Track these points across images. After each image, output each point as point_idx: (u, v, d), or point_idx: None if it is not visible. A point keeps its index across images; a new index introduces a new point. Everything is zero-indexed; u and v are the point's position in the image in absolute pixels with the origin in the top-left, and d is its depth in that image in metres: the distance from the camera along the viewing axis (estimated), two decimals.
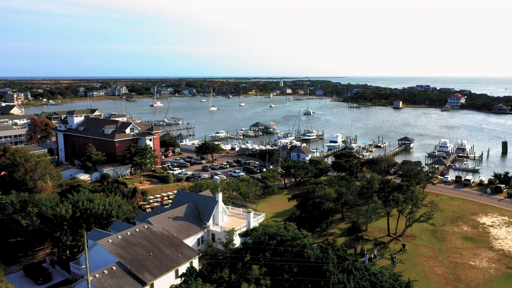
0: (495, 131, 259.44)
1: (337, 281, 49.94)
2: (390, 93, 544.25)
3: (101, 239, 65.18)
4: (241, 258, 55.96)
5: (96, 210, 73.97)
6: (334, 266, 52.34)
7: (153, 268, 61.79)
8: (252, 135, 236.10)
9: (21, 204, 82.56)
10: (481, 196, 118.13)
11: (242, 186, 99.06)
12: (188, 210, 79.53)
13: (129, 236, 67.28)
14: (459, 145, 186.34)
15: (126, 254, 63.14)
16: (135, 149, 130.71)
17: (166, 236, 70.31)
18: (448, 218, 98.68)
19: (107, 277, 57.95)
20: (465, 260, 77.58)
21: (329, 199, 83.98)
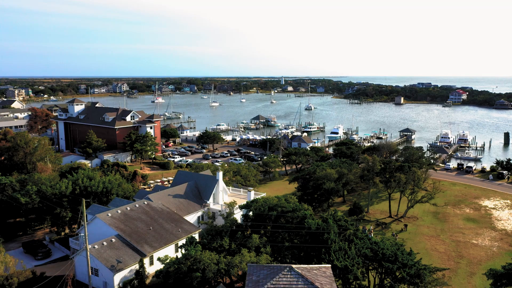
0: (497, 125, 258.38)
1: (338, 248, 49.39)
2: (391, 89, 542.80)
3: (101, 213, 64.77)
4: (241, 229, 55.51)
5: (96, 187, 73.51)
6: (335, 234, 51.82)
7: (152, 241, 61.32)
8: (253, 128, 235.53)
9: (20, 183, 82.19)
10: (483, 182, 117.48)
11: (243, 169, 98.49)
12: (189, 188, 79.02)
13: (128, 211, 66.83)
14: (461, 136, 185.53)
15: (125, 227, 62.69)
16: (136, 136, 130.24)
17: (166, 212, 69.85)
18: (450, 201, 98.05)
19: (106, 248, 57.51)
20: (467, 239, 77.00)
21: (330, 179, 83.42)
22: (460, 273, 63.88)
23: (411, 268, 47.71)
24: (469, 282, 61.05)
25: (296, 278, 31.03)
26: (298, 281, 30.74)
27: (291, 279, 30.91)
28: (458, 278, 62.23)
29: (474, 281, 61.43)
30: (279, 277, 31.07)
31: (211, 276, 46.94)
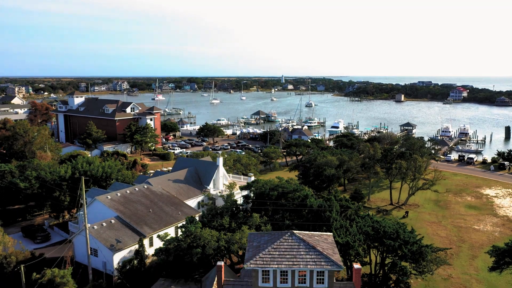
0: (498, 120, 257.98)
1: (339, 226, 48.97)
2: (392, 87, 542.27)
3: (100, 196, 64.38)
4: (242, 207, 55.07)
5: (95, 171, 73.09)
6: (337, 213, 51.39)
7: (152, 223, 60.91)
8: (253, 123, 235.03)
9: (19, 169, 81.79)
10: (485, 172, 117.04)
11: (244, 158, 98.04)
12: (189, 174, 78.56)
13: (128, 194, 66.41)
14: (462, 129, 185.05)
15: (125, 209, 62.27)
16: (136, 127, 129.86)
17: (166, 195, 69.43)
18: (451, 190, 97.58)
19: (105, 229, 57.09)
20: (468, 224, 76.56)
21: (331, 166, 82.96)
22: (462, 256, 63.43)
23: (413, 245, 47.26)
24: (471, 265, 60.60)
25: (298, 242, 30.60)
26: (299, 245, 30.31)
27: (292, 244, 30.48)
28: (460, 260, 61.78)
29: (476, 263, 60.98)
30: (280, 242, 30.65)
31: (211, 252, 46.48)
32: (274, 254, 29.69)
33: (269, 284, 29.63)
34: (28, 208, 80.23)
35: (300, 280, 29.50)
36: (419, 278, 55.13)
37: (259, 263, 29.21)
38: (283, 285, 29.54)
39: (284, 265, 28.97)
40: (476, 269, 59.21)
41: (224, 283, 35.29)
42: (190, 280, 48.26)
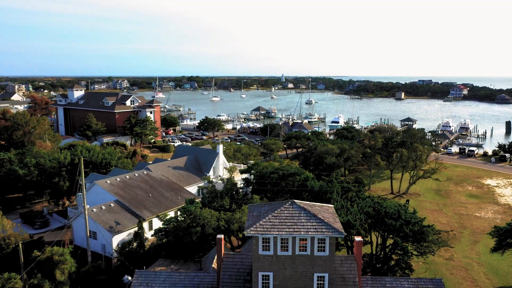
0: (499, 116, 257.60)
1: (340, 206, 48.62)
2: (392, 86, 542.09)
3: (99, 180, 64.07)
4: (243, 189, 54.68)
5: (95, 158, 72.75)
6: (337, 195, 51.03)
7: (152, 207, 60.61)
8: (254, 119, 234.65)
9: (19, 156, 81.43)
10: (485, 164, 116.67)
11: (244, 148, 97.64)
12: (189, 161, 78.24)
13: (127, 179, 66.09)
14: (462, 124, 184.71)
15: (124, 194, 61.97)
16: (136, 120, 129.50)
17: (166, 181, 69.11)
18: (452, 180, 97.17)
19: (104, 212, 56.79)
20: (470, 212, 76.23)
21: (332, 154, 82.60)
22: (463, 241, 63.08)
23: (414, 225, 46.89)
24: (472, 249, 60.25)
25: (298, 211, 30.24)
26: (300, 213, 29.96)
27: (293, 212, 30.13)
28: (461, 245, 61.42)
29: (477, 248, 60.63)
30: (280, 210, 30.29)
31: (211, 232, 46.12)
32: (275, 222, 29.34)
33: (270, 252, 29.26)
34: (27, 196, 79.93)
35: (301, 248, 29.14)
36: (420, 261, 54.85)
37: (259, 230, 28.86)
38: (283, 253, 29.19)
39: (285, 232, 28.62)
40: (478, 253, 58.86)
41: (224, 256, 34.92)
42: (190, 261, 47.91)
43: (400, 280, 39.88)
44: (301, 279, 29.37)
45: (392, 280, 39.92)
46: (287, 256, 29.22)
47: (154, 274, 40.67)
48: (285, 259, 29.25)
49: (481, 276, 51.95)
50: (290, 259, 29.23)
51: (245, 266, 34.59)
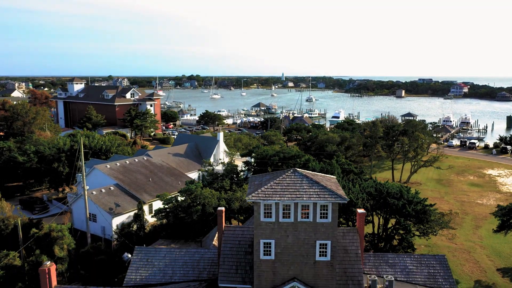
0: (499, 113, 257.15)
1: (342, 186, 48.19)
2: (392, 84, 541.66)
3: (99, 164, 63.75)
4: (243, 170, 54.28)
5: (94, 144, 72.36)
6: (339, 175, 50.63)
7: (152, 191, 60.23)
8: (254, 115, 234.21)
9: (18, 146, 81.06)
10: (487, 156, 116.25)
11: (244, 137, 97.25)
12: (189, 148, 77.90)
13: (127, 164, 65.79)
14: (463, 119, 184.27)
15: (124, 178, 61.64)
16: (136, 112, 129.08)
17: (166, 167, 68.75)
18: (453, 170, 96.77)
19: (104, 195, 56.46)
20: (471, 199, 75.85)
21: (333, 142, 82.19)
22: (465, 226, 62.69)
23: (417, 205, 46.52)
24: (475, 233, 59.86)
25: (301, 178, 29.83)
26: (302, 180, 29.55)
27: (295, 179, 29.72)
28: (464, 230, 61.03)
29: (479, 232, 60.26)
30: (282, 178, 29.87)
31: (212, 211, 45.74)
32: (277, 188, 28.93)
33: (271, 219, 28.84)
34: (27, 184, 79.56)
35: (303, 215, 28.72)
36: (422, 244, 54.55)
37: (261, 196, 28.44)
38: (285, 220, 28.76)
39: (287, 197, 28.19)
40: (480, 237, 58.47)
41: (225, 229, 34.52)
42: (191, 241, 47.56)
43: (403, 256, 39.50)
44: (303, 246, 28.95)
45: (394, 256, 39.56)
46: (289, 223, 28.81)
47: (154, 250, 40.31)
48: (287, 226, 28.84)
49: (484, 258, 51.56)
50: (292, 226, 28.82)
51: (246, 239, 34.19)
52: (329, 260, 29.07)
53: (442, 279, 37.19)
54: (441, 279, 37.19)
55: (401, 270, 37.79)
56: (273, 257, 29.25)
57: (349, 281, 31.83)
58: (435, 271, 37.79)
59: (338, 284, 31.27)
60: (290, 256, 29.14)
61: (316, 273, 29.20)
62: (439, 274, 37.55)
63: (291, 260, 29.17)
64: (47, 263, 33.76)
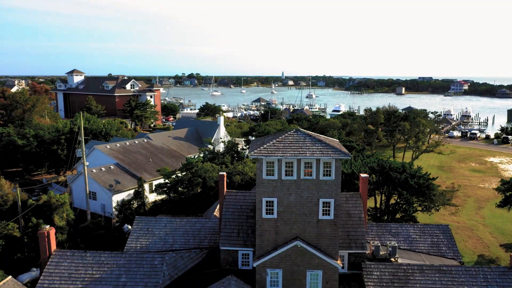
0: (499, 108, 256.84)
1: (344, 162, 47.81)
2: (392, 82, 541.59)
3: (99, 145, 63.39)
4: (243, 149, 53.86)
5: (95, 126, 71.96)
6: None
7: (152, 171, 59.86)
8: (254, 109, 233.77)
9: (18, 131, 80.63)
10: (488, 145, 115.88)
11: (245, 125, 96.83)
12: (189, 133, 77.51)
13: (128, 145, 65.44)
14: (464, 112, 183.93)
15: (124, 158, 61.31)
16: (136, 103, 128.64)
17: (166, 149, 68.38)
18: (455, 158, 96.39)
19: (104, 173, 56.10)
20: (473, 183, 75.53)
21: (334, 127, 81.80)
22: (467, 207, 62.36)
23: (419, 179, 46.14)
24: (477, 214, 59.53)
25: (303, 136, 29.42)
26: (305, 138, 29.14)
27: (298, 138, 29.30)
28: (466, 210, 60.69)
29: (482, 212, 59.94)
30: (285, 136, 29.45)
31: (213, 185, 45.35)
32: (279, 146, 28.51)
33: (274, 176, 28.41)
34: (26, 169, 79.20)
35: (306, 172, 28.30)
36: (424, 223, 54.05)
37: (263, 152, 27.99)
38: (288, 178, 28.33)
39: (289, 154, 27.75)
40: (483, 217, 58.14)
41: (227, 194, 34.14)
42: (191, 216, 47.14)
43: (406, 226, 39.20)
44: (306, 205, 28.53)
45: (397, 226, 39.23)
46: (292, 181, 28.38)
47: (155, 220, 39.93)
48: (290, 184, 28.41)
49: (487, 235, 51.20)
50: (295, 184, 28.39)
51: (248, 203, 33.82)
52: (332, 219, 28.65)
53: (446, 247, 36.85)
54: (445, 247, 36.86)
55: (404, 239, 37.46)
56: (275, 216, 28.84)
57: (352, 244, 31.49)
58: (439, 240, 37.45)
59: (341, 247, 30.91)
60: (292, 215, 28.73)
61: (319, 232, 28.79)
62: (443, 243, 37.22)
63: (293, 219, 28.76)
64: (46, 226, 33.39)
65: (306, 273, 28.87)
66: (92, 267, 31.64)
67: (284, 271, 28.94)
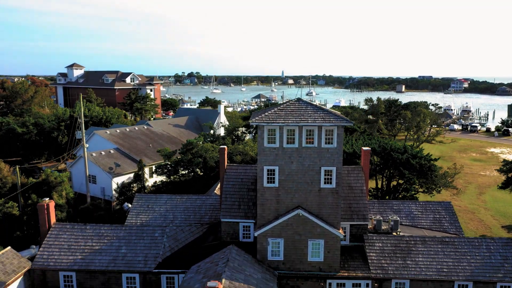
0: (500, 105, 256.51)
1: (346, 142, 47.56)
2: (392, 80, 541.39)
3: (99, 130, 63.14)
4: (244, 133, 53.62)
5: (95, 114, 71.69)
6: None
7: (152, 155, 59.59)
8: (254, 105, 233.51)
9: (18, 117, 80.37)
10: (489, 138, 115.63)
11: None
12: (189, 121, 77.25)
13: (128, 131, 65.21)
14: (464, 107, 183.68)
15: (124, 143, 61.07)
16: (136, 96, 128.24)
17: (166, 136, 68.14)
18: (455, 148, 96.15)
19: (104, 157, 55.84)
20: (475, 171, 75.24)
21: None
22: (469, 193, 62.10)
23: (421, 159, 45.92)
24: (479, 198, 59.29)
25: (305, 105, 29.19)
26: (307, 107, 28.90)
27: (299, 106, 29.05)
28: (468, 195, 60.46)
29: (483, 197, 59.72)
30: (286, 105, 29.23)
31: (213, 165, 45.10)
32: (281, 114, 28.26)
33: (275, 144, 28.15)
34: (26, 158, 78.92)
35: (308, 140, 28.04)
36: None
37: (264, 119, 27.75)
38: (289, 146, 28.06)
39: (291, 121, 27.51)
40: (484, 201, 57.94)
41: (227, 167, 33.90)
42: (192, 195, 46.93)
43: (408, 203, 38.97)
44: (308, 173, 28.26)
45: (399, 203, 39.02)
46: (294, 149, 28.11)
47: (155, 197, 39.75)
48: (291, 152, 28.14)
49: (488, 217, 50.98)
50: (297, 152, 28.12)
51: (249, 177, 33.60)
52: (334, 187, 28.39)
53: (448, 223, 36.63)
54: (447, 223, 36.63)
55: (406, 215, 37.22)
56: (277, 184, 28.59)
57: (354, 216, 31.25)
58: (441, 216, 37.22)
59: (343, 218, 30.67)
60: (294, 184, 28.47)
61: (321, 201, 28.54)
62: (445, 219, 36.99)
63: (295, 187, 28.51)
64: (45, 199, 33.16)
65: (308, 242, 28.63)
66: (92, 239, 31.43)
67: (286, 241, 28.70)
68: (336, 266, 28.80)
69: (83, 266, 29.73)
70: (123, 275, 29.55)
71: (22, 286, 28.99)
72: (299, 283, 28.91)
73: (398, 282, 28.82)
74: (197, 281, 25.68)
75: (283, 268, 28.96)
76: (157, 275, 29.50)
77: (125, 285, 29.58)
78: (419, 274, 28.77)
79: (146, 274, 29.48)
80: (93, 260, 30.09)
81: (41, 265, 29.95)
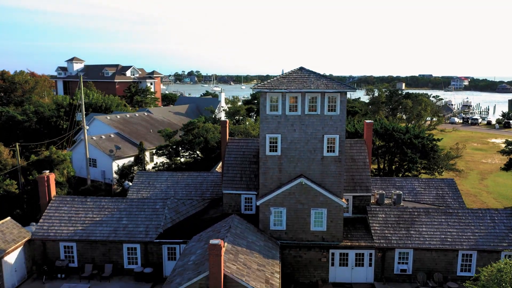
0: (501, 101, 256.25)
1: (347, 123, 47.30)
2: (392, 79, 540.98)
3: (99, 115, 62.89)
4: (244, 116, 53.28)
5: (95, 101, 71.45)
6: None
7: (152, 140, 59.32)
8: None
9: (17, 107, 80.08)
10: (490, 130, 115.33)
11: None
12: (190, 109, 77.02)
13: (128, 117, 64.99)
14: (465, 102, 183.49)
15: (125, 128, 60.83)
16: (136, 89, 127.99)
17: (167, 122, 67.88)
18: (457, 139, 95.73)
19: (104, 140, 55.58)
20: (476, 159, 74.98)
21: None
22: (470, 178, 61.80)
23: (423, 139, 45.68)
24: (481, 183, 59.01)
25: (308, 73, 28.89)
26: (310, 75, 28.63)
27: (302, 74, 28.77)
28: (469, 180, 60.20)
29: (485, 182, 59.41)
30: (289, 73, 28.93)
31: (215, 145, 44.84)
32: (283, 81, 28.01)
33: (278, 112, 27.89)
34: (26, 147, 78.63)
35: (311, 108, 27.77)
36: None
37: (267, 86, 27.54)
38: (292, 113, 27.80)
39: (294, 87, 27.25)
40: (486, 185, 57.64)
41: (229, 141, 33.65)
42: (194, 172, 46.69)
43: (410, 180, 38.75)
44: (311, 141, 28.00)
45: (401, 180, 38.78)
46: (296, 116, 27.85)
47: (156, 174, 39.54)
48: (294, 120, 27.88)
49: (491, 200, 50.72)
50: (299, 119, 27.86)
51: (251, 149, 33.35)
52: (337, 156, 28.13)
53: (451, 199, 36.38)
54: (450, 199, 36.39)
55: (408, 191, 36.98)
56: (279, 153, 28.32)
57: (357, 187, 31.02)
58: (444, 193, 36.98)
59: (346, 190, 30.41)
60: (296, 152, 28.21)
61: (324, 170, 28.27)
62: (448, 195, 36.74)
63: (297, 156, 28.25)
64: (46, 171, 32.91)
65: (311, 212, 28.38)
66: (93, 211, 31.19)
67: (288, 210, 28.45)
68: (339, 236, 28.55)
69: (84, 237, 29.50)
70: (124, 245, 29.33)
71: (22, 256, 28.76)
72: (302, 253, 28.66)
73: (402, 252, 28.58)
74: (198, 248, 25.44)
75: (285, 238, 28.71)
76: (158, 245, 29.27)
77: (126, 255, 29.36)
78: (422, 244, 28.53)
79: (147, 244, 29.26)
80: (94, 231, 29.86)
81: (41, 235, 29.72)
